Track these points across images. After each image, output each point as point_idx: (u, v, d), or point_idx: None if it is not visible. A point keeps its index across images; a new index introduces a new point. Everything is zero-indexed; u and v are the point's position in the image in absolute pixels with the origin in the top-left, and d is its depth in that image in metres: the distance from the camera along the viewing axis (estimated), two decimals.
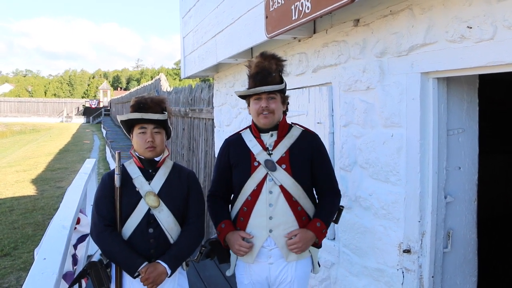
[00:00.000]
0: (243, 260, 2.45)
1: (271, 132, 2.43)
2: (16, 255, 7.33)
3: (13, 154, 22.78)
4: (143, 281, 2.24)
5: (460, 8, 2.08)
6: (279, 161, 2.38)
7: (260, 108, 2.36)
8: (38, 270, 2.16)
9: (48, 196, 11.86)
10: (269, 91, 2.33)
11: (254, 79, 2.37)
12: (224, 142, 2.60)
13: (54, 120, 53.62)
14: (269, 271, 2.41)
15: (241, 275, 2.49)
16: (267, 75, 2.34)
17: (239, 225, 2.43)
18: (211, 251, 2.51)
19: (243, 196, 2.42)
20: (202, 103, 7.68)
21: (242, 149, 2.46)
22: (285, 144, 2.42)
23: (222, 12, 4.74)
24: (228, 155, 2.51)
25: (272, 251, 2.39)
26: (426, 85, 2.37)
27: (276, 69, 2.38)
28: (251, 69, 2.41)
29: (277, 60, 2.41)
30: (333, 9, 2.50)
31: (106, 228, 2.31)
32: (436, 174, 2.40)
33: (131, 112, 2.36)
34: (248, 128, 2.54)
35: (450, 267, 2.51)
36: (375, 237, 2.78)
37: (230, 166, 2.50)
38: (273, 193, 2.36)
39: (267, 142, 2.42)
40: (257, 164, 2.39)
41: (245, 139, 2.48)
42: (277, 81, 2.37)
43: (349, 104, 3.00)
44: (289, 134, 2.45)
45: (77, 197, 3.76)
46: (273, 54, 2.44)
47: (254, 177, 2.39)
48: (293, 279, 2.41)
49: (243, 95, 2.46)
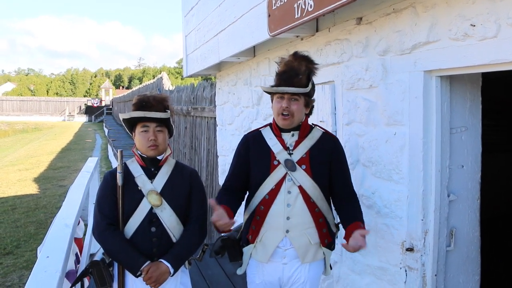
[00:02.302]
0: (256, 259, 2.43)
1: (293, 132, 2.38)
2: (19, 254, 7.35)
3: (16, 152, 22.84)
4: (146, 280, 2.24)
5: (464, 6, 2.07)
6: (299, 161, 2.34)
7: (281, 108, 2.30)
8: (41, 268, 2.17)
9: (51, 195, 11.90)
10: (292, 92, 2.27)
11: (280, 77, 2.32)
12: (243, 138, 2.54)
13: (56, 119, 53.76)
14: (282, 271, 2.39)
15: (253, 274, 2.47)
16: (294, 76, 2.27)
17: (254, 224, 2.40)
18: (222, 248, 2.47)
19: (260, 195, 2.37)
20: (204, 102, 7.69)
21: (262, 146, 2.41)
22: (306, 145, 2.38)
23: (224, 11, 4.74)
24: (247, 150, 2.45)
25: (287, 252, 2.36)
26: (429, 83, 2.36)
27: (305, 71, 2.30)
28: (280, 66, 2.36)
29: (308, 62, 2.33)
30: (336, 7, 2.49)
31: (109, 227, 2.31)
32: (439, 173, 2.39)
33: (134, 111, 2.36)
34: (268, 125, 2.49)
35: (453, 265, 2.50)
36: (378, 236, 2.77)
37: (249, 162, 2.44)
38: (292, 193, 2.33)
39: (288, 142, 2.38)
40: (276, 163, 2.35)
41: (265, 136, 2.43)
42: (303, 83, 2.28)
43: (351, 103, 2.99)
44: (310, 135, 2.41)
45: (80, 195, 3.77)
46: (306, 56, 2.36)
47: (273, 176, 2.34)
48: (306, 280, 2.39)
49: (267, 91, 2.40)
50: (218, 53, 5.10)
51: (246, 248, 2.45)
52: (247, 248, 2.45)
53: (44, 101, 57.63)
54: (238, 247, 2.47)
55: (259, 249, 2.40)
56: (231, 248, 2.47)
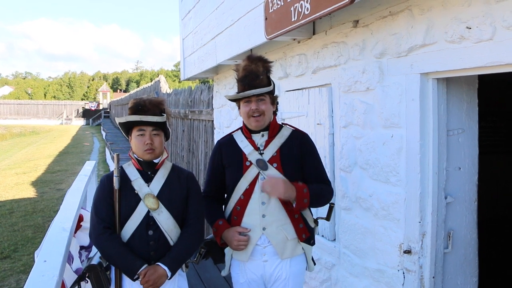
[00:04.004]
0: (237, 259, 2.48)
1: (262, 133, 2.48)
2: (16, 258, 7.31)
3: (13, 156, 22.77)
4: (143, 283, 2.23)
5: (459, 9, 2.08)
6: (270, 160, 2.43)
7: (250, 110, 2.40)
8: (39, 272, 2.15)
9: (48, 198, 11.85)
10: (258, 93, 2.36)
11: (242, 82, 2.42)
12: (216, 144, 2.64)
13: (53, 122, 53.63)
14: (264, 268, 2.45)
15: (237, 274, 2.53)
16: (254, 78, 2.38)
17: (233, 224, 2.47)
18: (207, 252, 2.55)
19: (236, 196, 2.46)
20: (202, 105, 7.69)
21: (234, 149, 2.50)
22: (275, 143, 2.46)
23: (222, 14, 4.74)
24: (220, 156, 2.56)
25: (266, 249, 2.43)
26: (426, 85, 2.37)
27: (263, 71, 2.42)
28: (239, 72, 2.46)
29: (263, 62, 2.44)
30: (333, 10, 2.49)
31: (105, 230, 2.31)
32: (436, 175, 2.40)
33: (130, 115, 2.36)
34: (239, 129, 2.58)
35: (451, 267, 2.50)
36: (376, 238, 2.78)
37: (223, 166, 2.54)
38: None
39: (258, 142, 2.47)
40: (249, 163, 2.44)
41: (236, 140, 2.53)
42: (264, 83, 2.41)
43: (349, 105, 3.00)
44: (280, 134, 2.49)
45: (77, 199, 3.75)
46: (260, 56, 2.48)
47: (246, 177, 2.43)
48: (288, 275, 2.44)
49: (233, 99, 2.49)
50: (216, 56, 5.11)
51: (227, 249, 2.52)
52: (228, 248, 2.50)
53: (42, 104, 57.49)
54: (220, 249, 2.53)
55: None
56: (214, 250, 2.54)
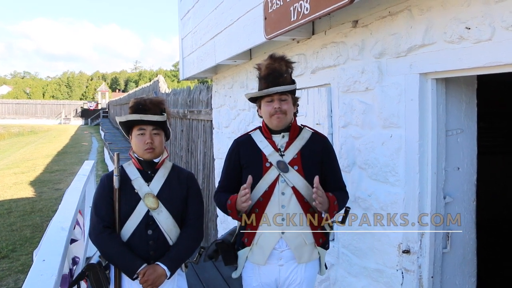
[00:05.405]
0: (253, 262, 2.43)
1: (283, 133, 2.41)
2: (14, 258, 7.30)
3: (11, 156, 22.73)
4: (142, 283, 2.23)
5: (459, 9, 2.09)
6: (291, 162, 2.36)
7: (273, 109, 2.34)
8: (37, 272, 2.15)
9: (47, 198, 11.84)
10: (281, 92, 2.32)
11: (266, 80, 2.35)
12: (234, 143, 2.56)
13: (52, 122, 53.56)
14: (279, 273, 2.40)
15: (249, 277, 2.47)
16: (278, 76, 2.33)
17: (250, 227, 2.41)
18: (215, 252, 2.48)
19: (254, 197, 2.36)
20: (201, 105, 7.68)
21: (252, 149, 2.43)
22: (296, 145, 2.40)
23: (221, 14, 4.74)
24: (238, 155, 2.48)
25: (283, 253, 2.38)
26: (425, 85, 2.37)
27: (286, 70, 2.38)
28: (261, 71, 2.39)
29: (286, 62, 2.40)
30: (332, 10, 2.50)
31: (105, 229, 2.31)
32: (435, 175, 2.40)
33: (130, 114, 2.36)
34: (257, 129, 2.52)
35: (450, 267, 2.51)
36: (374, 238, 2.78)
37: (240, 167, 2.46)
38: (286, 194, 2.34)
39: (279, 143, 2.41)
40: (269, 165, 2.37)
41: (255, 139, 2.45)
42: (288, 81, 2.36)
43: (348, 105, 3.00)
44: (300, 136, 2.44)
45: (76, 199, 3.75)
46: (283, 56, 2.43)
47: (266, 178, 2.36)
48: (302, 280, 2.40)
49: (253, 97, 2.43)
50: (215, 56, 5.10)
51: (241, 251, 2.46)
52: (243, 251, 2.45)
53: (40, 104, 57.42)
54: (233, 250, 2.48)
55: (256, 252, 2.40)
56: (226, 252, 2.48)
